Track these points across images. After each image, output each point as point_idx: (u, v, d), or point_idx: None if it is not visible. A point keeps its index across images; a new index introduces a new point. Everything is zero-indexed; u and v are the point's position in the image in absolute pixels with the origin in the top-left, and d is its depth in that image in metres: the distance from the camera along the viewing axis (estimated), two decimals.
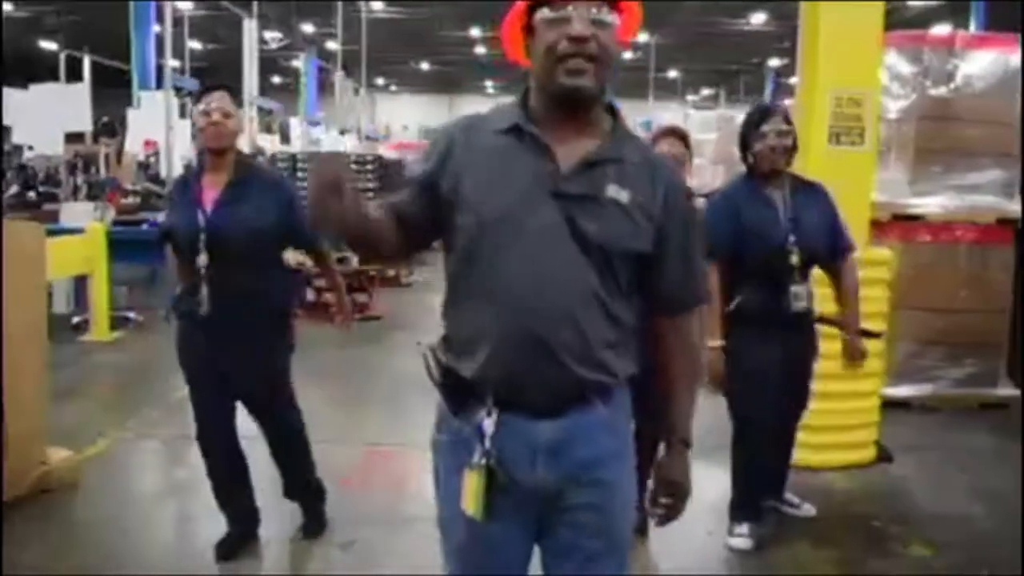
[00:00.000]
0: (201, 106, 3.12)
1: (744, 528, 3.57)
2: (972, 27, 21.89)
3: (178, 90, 10.51)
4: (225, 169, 3.15)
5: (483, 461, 1.65)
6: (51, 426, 4.15)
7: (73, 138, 11.37)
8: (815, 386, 3.69)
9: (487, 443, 1.65)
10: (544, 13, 1.62)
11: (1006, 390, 5.92)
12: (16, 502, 3.71)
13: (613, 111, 1.75)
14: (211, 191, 3.13)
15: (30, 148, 12.47)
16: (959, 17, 23.11)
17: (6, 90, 9.90)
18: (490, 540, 1.72)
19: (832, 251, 3.48)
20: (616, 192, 1.64)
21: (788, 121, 3.42)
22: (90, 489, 4.08)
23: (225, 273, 3.06)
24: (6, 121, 10.01)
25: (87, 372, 6.45)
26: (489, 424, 1.66)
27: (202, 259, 3.05)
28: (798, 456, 4.16)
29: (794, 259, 3.32)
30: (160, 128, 9.46)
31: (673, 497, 1.83)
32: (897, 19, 24.56)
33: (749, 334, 3.35)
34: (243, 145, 11.64)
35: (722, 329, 3.36)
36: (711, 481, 3.61)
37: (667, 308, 1.79)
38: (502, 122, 1.69)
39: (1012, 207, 5.82)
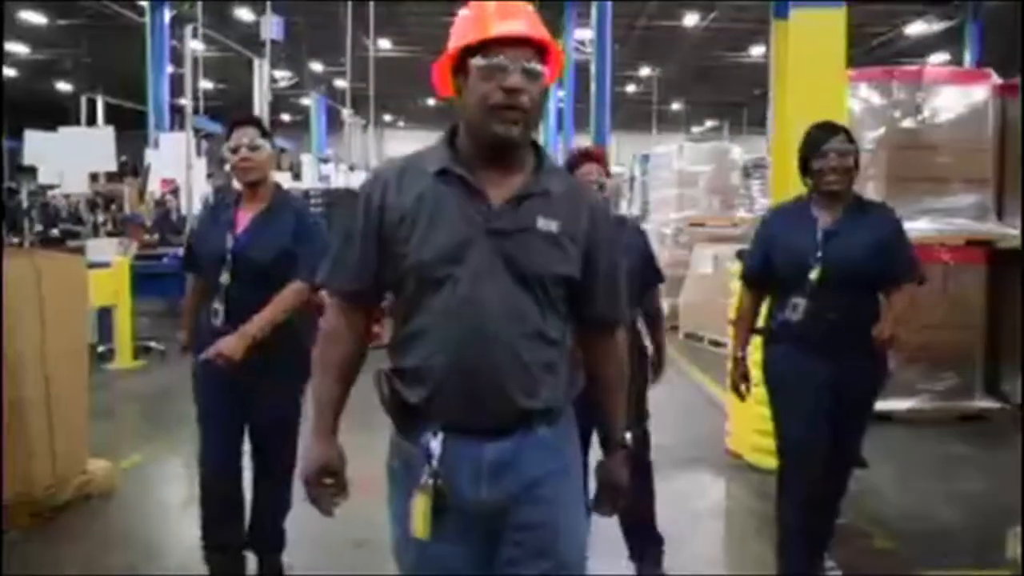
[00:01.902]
0: (230, 143, 3.17)
1: None
2: (967, 56, 22.36)
3: (196, 131, 10.98)
4: (260, 200, 3.21)
5: (430, 481, 1.69)
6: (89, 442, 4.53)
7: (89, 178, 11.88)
8: None
9: (434, 463, 1.70)
10: (478, 60, 1.66)
11: (983, 402, 6.24)
12: (62, 507, 4.10)
13: (536, 147, 1.81)
14: (244, 218, 3.20)
15: (50, 188, 13.00)
16: (955, 46, 23.61)
17: (32, 132, 10.42)
18: (441, 561, 1.75)
19: (883, 275, 3.18)
20: (546, 224, 1.72)
21: (851, 140, 3.19)
22: (127, 496, 4.47)
23: (244, 292, 3.10)
24: (32, 162, 10.51)
25: (116, 396, 6.86)
26: (436, 445, 1.71)
27: (224, 278, 3.11)
28: (771, 462, 4.48)
29: (813, 274, 3.09)
30: (179, 167, 9.92)
31: (615, 494, 1.99)
32: (894, 49, 25.12)
33: (780, 353, 3.23)
34: None
35: (745, 341, 3.40)
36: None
37: (596, 326, 1.88)
38: (432, 164, 1.74)
39: (982, 228, 6.19)
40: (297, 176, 20.32)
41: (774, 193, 5.35)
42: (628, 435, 1.98)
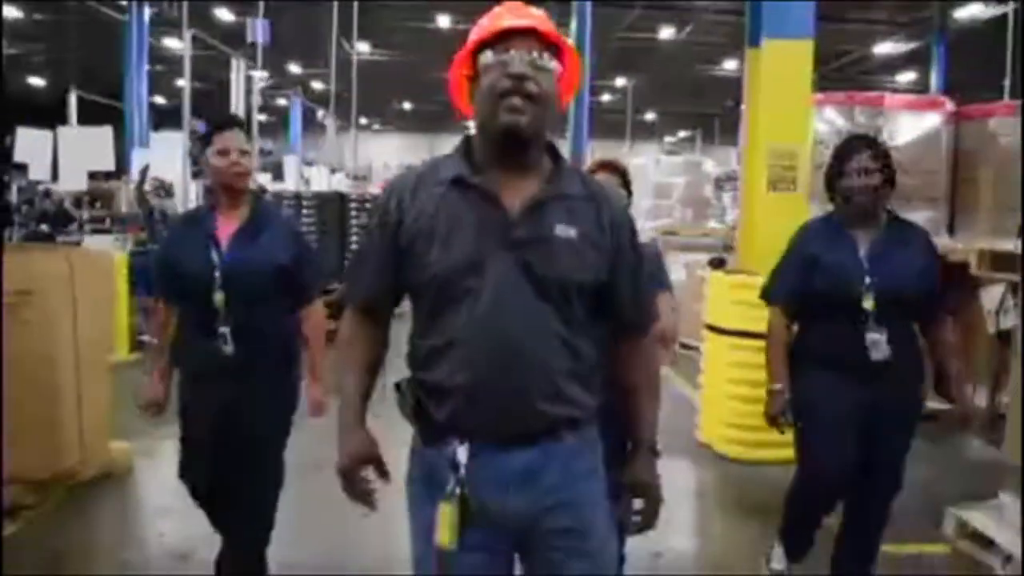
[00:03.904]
0: (216, 145, 2.89)
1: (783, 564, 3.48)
2: (934, 76, 23.08)
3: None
4: (240, 207, 2.96)
5: (456, 491, 1.68)
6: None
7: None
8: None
9: (461, 472, 1.68)
10: (487, 57, 1.67)
11: (933, 403, 6.71)
12: (88, 483, 4.46)
13: (554, 151, 1.79)
14: (226, 229, 2.92)
15: (39, 184, 13.19)
16: (923, 66, 24.32)
17: (24, 130, 10.64)
18: (469, 572, 1.72)
19: (927, 301, 3.02)
20: (564, 230, 1.69)
21: (877, 157, 3.00)
22: (144, 474, 4.85)
23: (243, 312, 2.87)
24: (22, 159, 10.73)
25: (117, 386, 7.14)
26: (462, 453, 1.68)
27: (218, 297, 2.84)
28: (738, 452, 4.95)
29: (867, 303, 2.90)
30: (172, 167, 10.21)
31: (645, 501, 1.87)
32: (864, 68, 25.83)
33: (821, 380, 3.02)
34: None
35: (784, 371, 3.13)
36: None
37: (624, 332, 1.87)
38: (446, 173, 1.73)
39: (936, 243, 6.68)
40: (278, 177, 20.53)
41: (744, 206, 5.79)
42: (656, 438, 1.91)
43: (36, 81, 31.30)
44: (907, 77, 26.95)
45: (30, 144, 10.43)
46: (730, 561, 3.99)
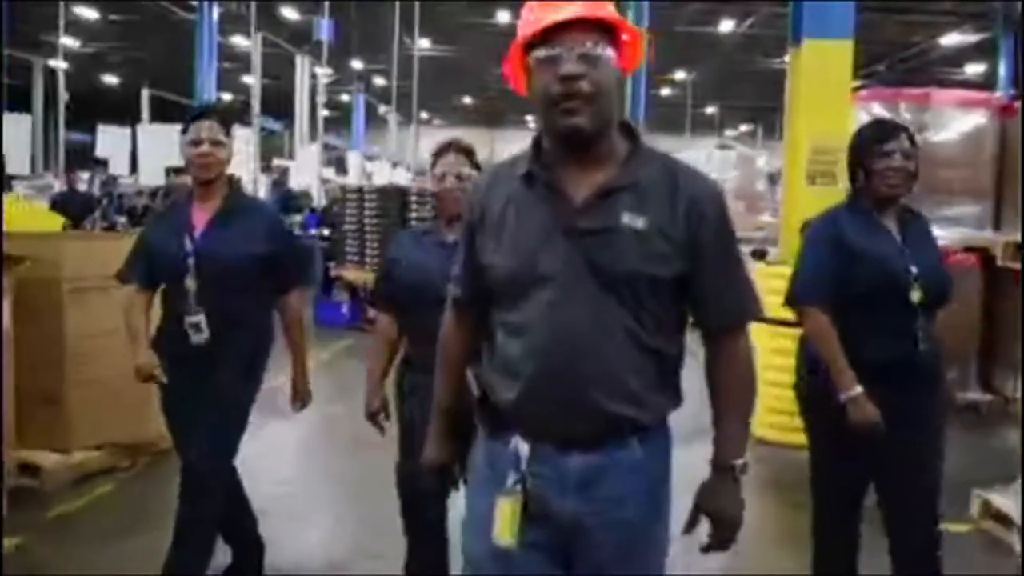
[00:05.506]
0: (189, 135, 2.95)
1: None
2: (1002, 65, 22.63)
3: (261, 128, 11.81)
4: (214, 197, 3.03)
5: (518, 487, 1.65)
6: None
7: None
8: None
9: (523, 466, 1.65)
10: (538, 53, 1.59)
11: (975, 394, 6.85)
12: (168, 452, 4.83)
13: (631, 134, 1.69)
14: (201, 217, 3.01)
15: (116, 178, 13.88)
16: (989, 55, 23.86)
17: (105, 127, 11.29)
18: (515, 567, 1.69)
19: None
20: (632, 219, 1.60)
21: (913, 142, 2.83)
22: None
23: (218, 300, 2.95)
24: (103, 154, 11.38)
25: None
26: (525, 449, 1.66)
27: (190, 283, 2.93)
28: (777, 436, 5.17)
29: (915, 295, 2.71)
30: (246, 164, 10.74)
31: (719, 527, 1.74)
32: (930, 58, 25.39)
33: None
34: (311, 179, 12.68)
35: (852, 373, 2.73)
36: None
37: (711, 326, 1.73)
38: (519, 168, 1.69)
39: (980, 235, 6.79)
40: (341, 171, 21.10)
41: (786, 200, 5.98)
42: (741, 461, 1.73)
43: (111, 79, 32.51)
44: (975, 69, 26.41)
45: (110, 140, 11.07)
46: (765, 538, 4.23)
